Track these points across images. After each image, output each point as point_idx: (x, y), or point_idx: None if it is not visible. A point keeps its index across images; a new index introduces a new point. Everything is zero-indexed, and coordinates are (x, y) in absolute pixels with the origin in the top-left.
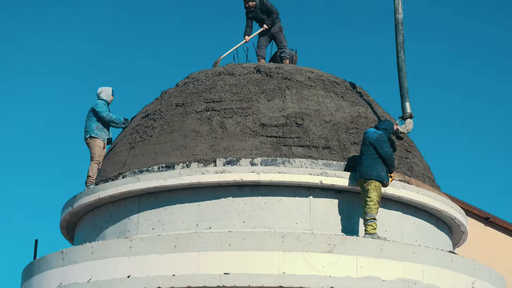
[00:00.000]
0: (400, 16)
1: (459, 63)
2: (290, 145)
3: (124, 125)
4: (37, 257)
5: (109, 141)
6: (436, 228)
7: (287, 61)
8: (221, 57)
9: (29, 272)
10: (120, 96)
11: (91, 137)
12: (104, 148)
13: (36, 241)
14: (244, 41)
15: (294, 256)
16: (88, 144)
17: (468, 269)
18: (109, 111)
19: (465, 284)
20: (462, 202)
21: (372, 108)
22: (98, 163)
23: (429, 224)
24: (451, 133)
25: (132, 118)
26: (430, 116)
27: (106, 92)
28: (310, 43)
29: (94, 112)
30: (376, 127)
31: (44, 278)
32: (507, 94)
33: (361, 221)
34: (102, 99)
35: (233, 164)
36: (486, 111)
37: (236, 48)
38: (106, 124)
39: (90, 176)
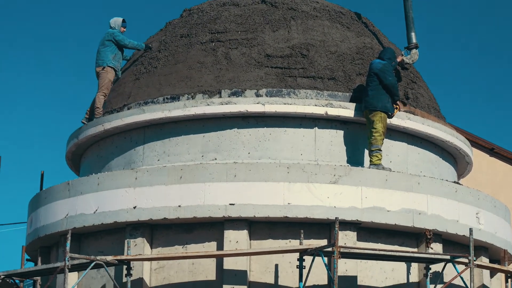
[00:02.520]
0: None
1: None
2: (295, 76)
3: (146, 50)
4: (44, 189)
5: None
6: (441, 159)
7: None
8: None
9: (35, 203)
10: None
11: (107, 66)
12: (112, 80)
13: (42, 172)
14: None
15: (299, 187)
16: (99, 74)
17: (473, 199)
18: None
19: (469, 214)
20: (467, 133)
21: (377, 38)
22: (104, 94)
23: (434, 155)
24: (457, 64)
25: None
26: (436, 46)
27: (115, 22)
28: None
29: (111, 41)
30: (380, 57)
31: (51, 209)
32: None
33: (366, 152)
34: (114, 29)
35: (238, 95)
36: (492, 40)
37: None
38: (122, 55)
39: (98, 107)
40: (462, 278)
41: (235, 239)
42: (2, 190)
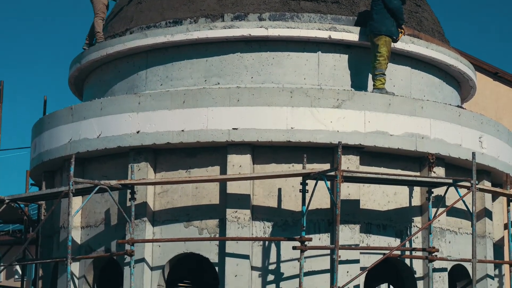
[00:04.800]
0: None
1: None
2: (298, 0)
3: None
4: (47, 114)
5: None
6: (444, 83)
7: None
8: None
9: (39, 128)
10: None
11: None
12: (107, 4)
13: (45, 97)
14: None
15: (302, 111)
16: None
17: (476, 123)
18: None
19: (472, 138)
20: (471, 57)
21: None
22: (102, 18)
23: (437, 79)
24: None
25: None
26: None
27: None
28: None
29: None
30: None
31: (54, 134)
32: None
33: (369, 76)
34: None
35: (241, 19)
36: None
37: None
38: None
39: (98, 32)
40: (464, 202)
41: (238, 163)
42: (6, 115)
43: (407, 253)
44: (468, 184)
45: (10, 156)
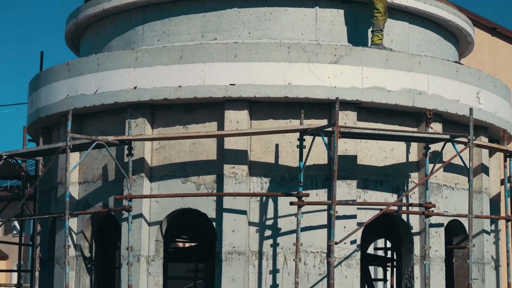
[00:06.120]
0: None
1: None
2: None
3: None
4: (44, 69)
5: None
6: (442, 38)
7: None
8: None
9: (36, 84)
10: None
11: None
12: None
13: (42, 53)
14: None
15: (300, 67)
16: None
17: (473, 79)
18: None
19: (470, 94)
20: (470, 12)
21: None
22: None
23: (435, 34)
24: None
25: None
26: None
27: None
28: None
29: None
30: None
31: (51, 90)
32: None
33: (367, 31)
34: None
35: None
36: None
37: None
38: None
39: None
40: (461, 157)
41: (236, 119)
42: (2, 71)
43: (404, 208)
44: (465, 139)
45: (8, 112)
